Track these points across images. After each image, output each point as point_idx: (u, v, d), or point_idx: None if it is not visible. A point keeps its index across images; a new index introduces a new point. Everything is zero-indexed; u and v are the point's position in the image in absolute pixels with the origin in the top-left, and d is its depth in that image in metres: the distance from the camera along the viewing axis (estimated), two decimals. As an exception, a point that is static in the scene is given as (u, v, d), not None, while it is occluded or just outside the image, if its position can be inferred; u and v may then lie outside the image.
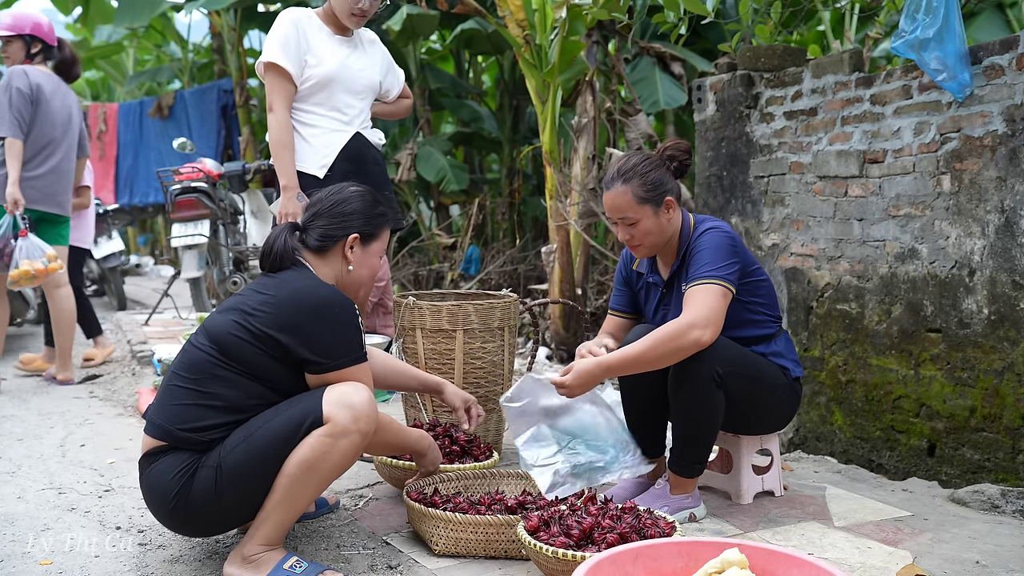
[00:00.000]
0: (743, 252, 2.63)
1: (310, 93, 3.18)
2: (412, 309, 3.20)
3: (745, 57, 4.29)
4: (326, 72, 3.16)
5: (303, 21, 3.17)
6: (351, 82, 3.23)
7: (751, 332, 2.65)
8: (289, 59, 3.12)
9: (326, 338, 2.18)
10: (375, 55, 3.37)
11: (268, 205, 6.63)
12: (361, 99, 3.29)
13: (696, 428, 2.55)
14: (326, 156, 3.19)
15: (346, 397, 2.14)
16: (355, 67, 3.25)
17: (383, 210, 2.43)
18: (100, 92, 15.61)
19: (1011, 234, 3.16)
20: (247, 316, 2.19)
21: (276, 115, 3.13)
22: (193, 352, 2.22)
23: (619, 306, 2.90)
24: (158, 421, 2.17)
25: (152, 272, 12.08)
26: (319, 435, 2.10)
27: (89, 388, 4.74)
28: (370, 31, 3.44)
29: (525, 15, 5.27)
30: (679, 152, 2.69)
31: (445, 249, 8.28)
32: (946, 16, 3.19)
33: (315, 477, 2.12)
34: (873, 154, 3.65)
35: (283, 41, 3.12)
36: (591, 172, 5.76)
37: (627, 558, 1.86)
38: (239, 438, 2.12)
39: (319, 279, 2.28)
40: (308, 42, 3.16)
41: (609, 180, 2.65)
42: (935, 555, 2.35)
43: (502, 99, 9.13)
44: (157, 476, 2.15)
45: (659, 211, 2.61)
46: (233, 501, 2.13)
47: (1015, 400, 3.16)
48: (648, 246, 2.66)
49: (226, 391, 2.16)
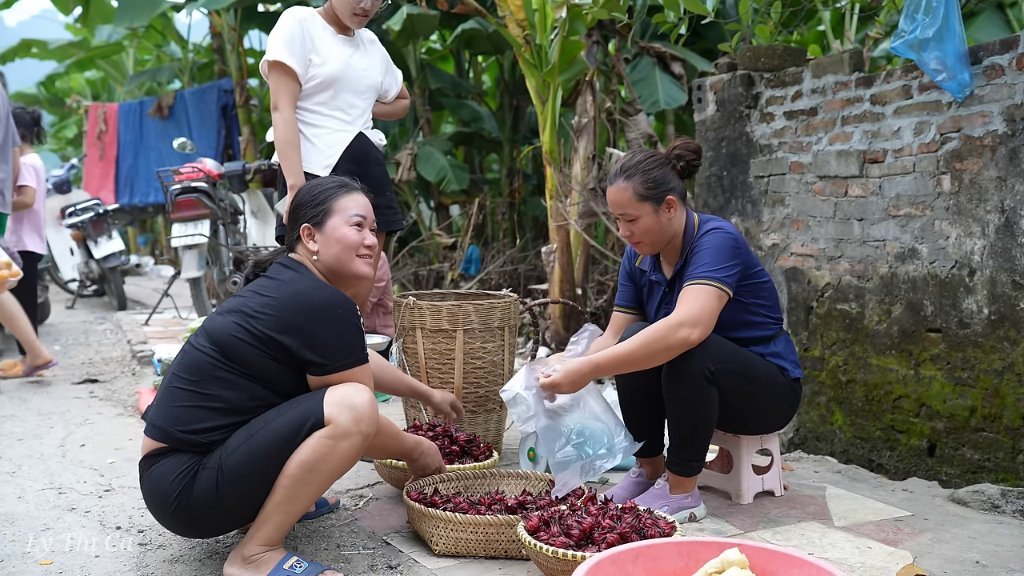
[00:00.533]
0: (746, 254, 2.63)
1: (314, 92, 3.18)
2: (412, 309, 3.20)
3: (745, 57, 4.29)
4: (331, 71, 3.16)
5: (308, 20, 3.17)
6: (355, 82, 3.23)
7: (750, 333, 2.65)
8: (295, 57, 3.12)
9: (328, 340, 2.18)
10: (375, 55, 3.37)
11: (268, 205, 6.63)
12: (364, 99, 3.29)
13: (691, 426, 2.55)
14: (330, 156, 3.19)
15: (348, 398, 2.13)
16: (358, 67, 3.25)
17: (329, 184, 2.42)
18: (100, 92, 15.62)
19: (1011, 234, 3.16)
20: (248, 318, 2.19)
21: (282, 114, 3.13)
22: (193, 353, 2.22)
23: (624, 302, 2.89)
24: (158, 423, 2.17)
25: (152, 272, 12.07)
26: (320, 436, 2.10)
27: (89, 388, 4.74)
28: (369, 31, 3.43)
29: (525, 15, 5.27)
30: (688, 152, 2.68)
31: (445, 249, 8.28)
32: (946, 16, 3.19)
33: (316, 478, 2.11)
34: (873, 154, 3.65)
35: (288, 39, 3.12)
36: (591, 172, 5.76)
37: (627, 558, 1.86)
38: (240, 439, 2.12)
39: (319, 280, 2.29)
40: (313, 41, 3.16)
41: (612, 175, 2.66)
42: (935, 555, 2.35)
43: (502, 99, 9.13)
44: (158, 478, 2.15)
45: (660, 209, 2.61)
46: (234, 502, 2.12)
47: (1015, 400, 3.16)
48: (649, 244, 2.66)
49: (227, 393, 2.16)
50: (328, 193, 2.38)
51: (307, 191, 2.42)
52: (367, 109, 3.32)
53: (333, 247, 2.35)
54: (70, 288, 8.42)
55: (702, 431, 2.56)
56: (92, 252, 7.84)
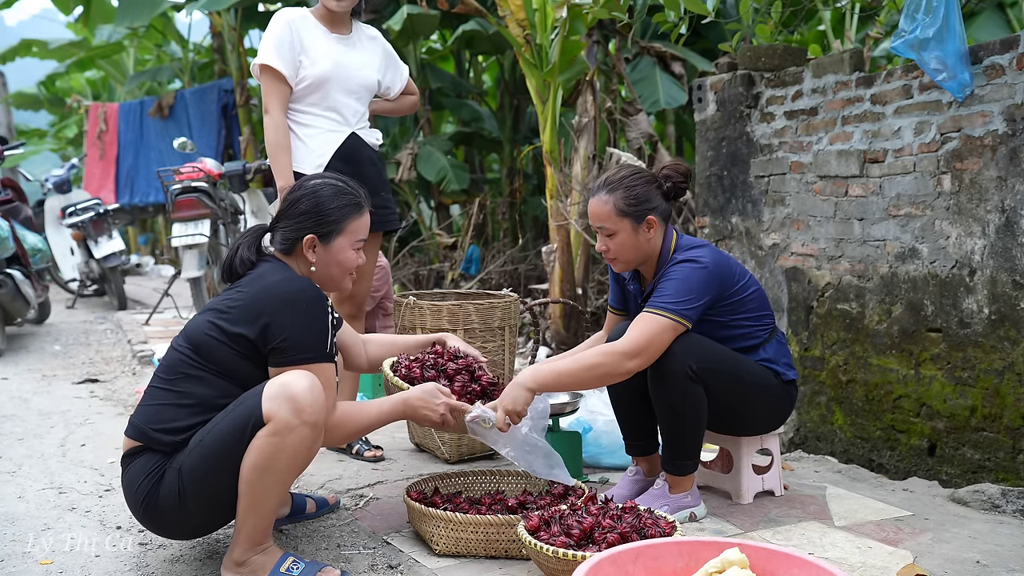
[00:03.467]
0: (719, 283, 2.56)
1: (306, 93, 3.17)
2: (412, 309, 3.20)
3: (745, 57, 4.29)
4: (321, 72, 3.13)
5: (297, 21, 3.15)
6: (346, 81, 3.20)
7: (732, 345, 2.63)
8: (283, 60, 3.10)
9: (292, 330, 2.13)
10: (375, 52, 3.33)
11: (268, 205, 6.64)
12: (357, 99, 3.25)
13: (679, 425, 2.55)
14: (321, 156, 3.16)
15: (285, 388, 2.05)
16: (351, 66, 3.21)
17: (347, 201, 2.33)
18: (100, 92, 15.62)
19: (1011, 234, 3.16)
20: (221, 314, 2.18)
21: (272, 117, 3.12)
22: (171, 354, 2.23)
23: (615, 303, 2.90)
24: (135, 421, 2.18)
25: (152, 272, 12.08)
26: (263, 436, 2.03)
27: (90, 388, 4.74)
28: (372, 28, 3.40)
29: (525, 15, 5.27)
30: (676, 174, 2.65)
31: (445, 249, 8.28)
32: (946, 16, 3.18)
33: (273, 477, 2.06)
34: (873, 154, 3.65)
35: (277, 42, 3.11)
36: (591, 172, 5.76)
37: (627, 558, 1.86)
38: (196, 440, 2.10)
39: (294, 273, 2.26)
40: (302, 42, 3.14)
41: (596, 187, 2.64)
42: (935, 555, 2.35)
43: (502, 99, 9.13)
44: (132, 477, 2.16)
45: (639, 228, 2.59)
46: (195, 504, 2.10)
47: (1015, 400, 3.16)
48: (623, 261, 2.64)
49: (198, 389, 2.15)
50: (343, 212, 2.32)
51: (323, 200, 2.31)
52: (361, 109, 3.28)
53: (332, 267, 2.33)
54: (70, 288, 8.42)
55: (692, 430, 2.56)
56: (92, 252, 7.84)
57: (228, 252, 2.33)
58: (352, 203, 2.34)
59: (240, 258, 2.30)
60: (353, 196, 2.36)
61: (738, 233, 4.34)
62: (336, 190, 2.34)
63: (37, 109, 15.71)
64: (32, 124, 18.84)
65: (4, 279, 5.61)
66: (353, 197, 2.36)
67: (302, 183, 2.39)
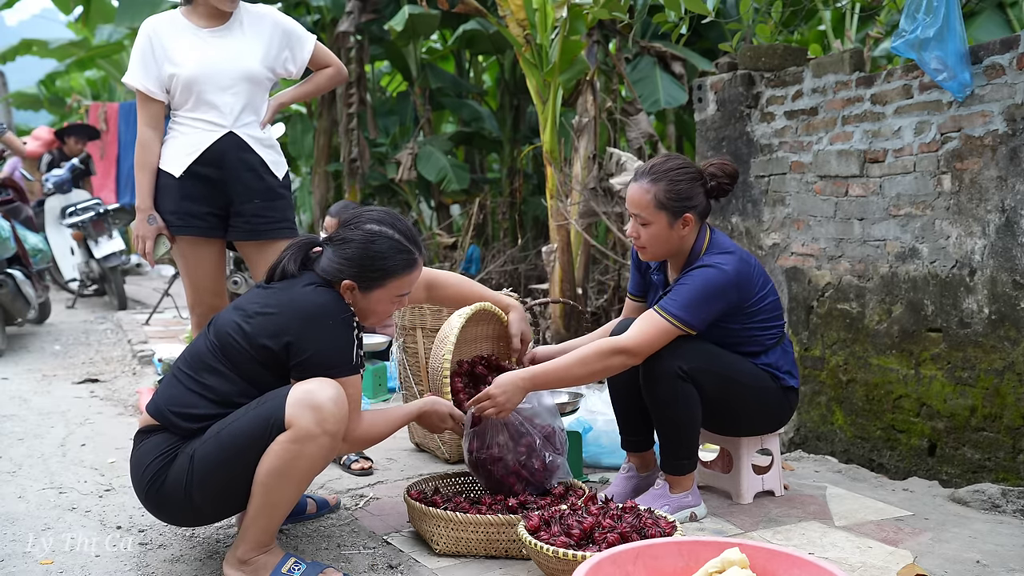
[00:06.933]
0: (736, 293, 2.53)
1: (180, 99, 3.01)
2: (413, 309, 3.20)
3: (746, 56, 4.29)
4: (186, 75, 2.95)
5: (160, 27, 2.99)
6: (217, 77, 2.97)
7: (736, 350, 2.63)
8: (148, 76, 2.98)
9: (316, 348, 2.13)
10: (258, 36, 3.04)
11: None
12: (234, 94, 2.99)
13: (673, 425, 2.55)
14: (187, 155, 2.99)
15: (310, 396, 2.06)
16: (220, 60, 2.98)
17: (399, 260, 2.24)
18: (101, 92, 15.61)
19: (1012, 233, 3.16)
20: (247, 319, 2.19)
21: (139, 135, 3.02)
22: (199, 342, 2.26)
23: (635, 290, 2.88)
24: (155, 399, 2.22)
25: (153, 272, 12.06)
26: (283, 442, 2.05)
27: (90, 388, 4.74)
28: (259, 8, 3.09)
29: (526, 15, 5.27)
30: (723, 174, 2.60)
31: (446, 249, 8.28)
32: (946, 16, 3.18)
33: (289, 483, 2.08)
34: (874, 153, 3.65)
35: (140, 57, 2.99)
36: (592, 172, 5.76)
37: (628, 558, 1.87)
38: (213, 431, 2.12)
39: (323, 288, 2.22)
40: (165, 49, 2.97)
41: (640, 172, 2.60)
42: (936, 554, 2.35)
43: (503, 99, 9.13)
44: (143, 454, 2.18)
45: (675, 223, 2.56)
46: (200, 494, 2.11)
47: (1016, 400, 3.16)
48: (651, 251, 2.62)
49: (219, 384, 2.17)
50: (390, 270, 2.23)
51: (373, 255, 2.22)
52: (239, 104, 3.01)
53: (367, 315, 2.30)
54: (70, 288, 8.42)
55: (686, 429, 2.56)
56: (93, 252, 7.84)
57: (274, 260, 2.30)
58: (404, 261, 2.25)
59: (283, 270, 2.27)
60: (407, 254, 2.25)
61: (738, 233, 4.33)
62: (391, 245, 2.23)
63: (37, 109, 15.70)
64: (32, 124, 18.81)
65: (5, 279, 5.61)
66: (407, 255, 2.25)
67: (360, 223, 2.26)
